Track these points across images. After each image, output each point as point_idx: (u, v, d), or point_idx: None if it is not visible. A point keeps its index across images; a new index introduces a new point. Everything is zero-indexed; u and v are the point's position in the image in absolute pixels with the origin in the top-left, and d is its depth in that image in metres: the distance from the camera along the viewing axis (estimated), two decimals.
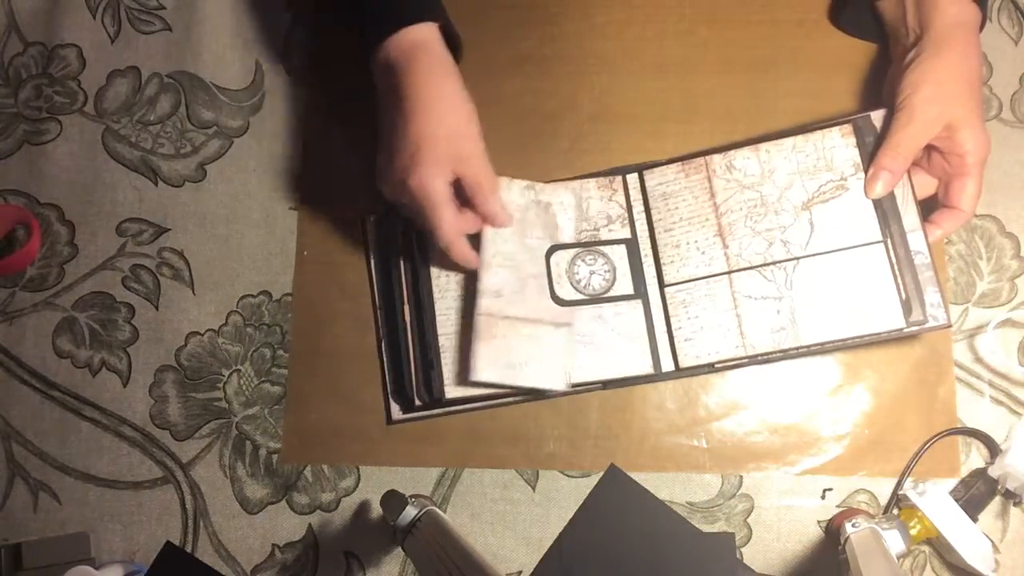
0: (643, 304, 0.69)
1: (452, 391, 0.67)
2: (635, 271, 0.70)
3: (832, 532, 0.70)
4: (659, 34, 0.77)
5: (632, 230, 0.71)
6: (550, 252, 0.69)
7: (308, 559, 0.71)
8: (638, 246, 0.70)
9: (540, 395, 0.69)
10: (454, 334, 0.68)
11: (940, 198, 0.67)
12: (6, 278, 0.75)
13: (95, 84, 0.78)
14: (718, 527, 0.70)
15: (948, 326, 0.65)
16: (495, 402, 0.70)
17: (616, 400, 0.72)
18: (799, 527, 0.70)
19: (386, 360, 0.72)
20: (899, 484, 0.70)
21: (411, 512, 0.62)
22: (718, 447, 0.71)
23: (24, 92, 0.78)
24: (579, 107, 0.76)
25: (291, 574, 0.71)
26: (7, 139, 0.77)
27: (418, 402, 0.69)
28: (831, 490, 0.70)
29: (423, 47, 0.64)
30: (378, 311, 0.73)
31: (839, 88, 0.75)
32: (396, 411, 0.71)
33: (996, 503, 0.68)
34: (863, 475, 0.70)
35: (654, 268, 0.70)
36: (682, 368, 0.68)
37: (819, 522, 0.70)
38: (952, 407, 0.71)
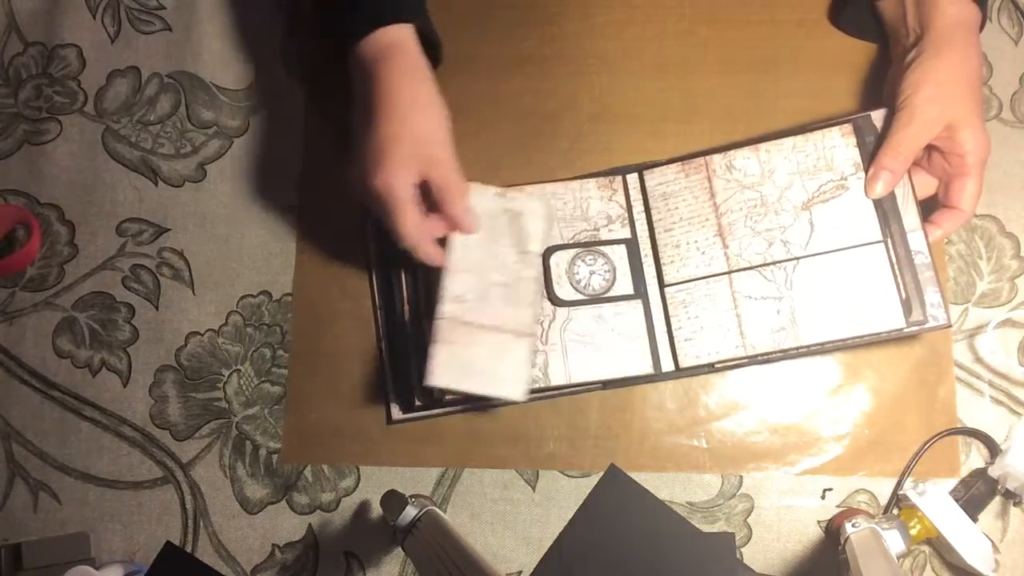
0: (643, 304, 0.69)
1: None
2: (635, 271, 0.70)
3: (832, 532, 0.70)
4: (659, 34, 0.77)
5: (632, 230, 0.71)
6: (548, 253, 0.69)
7: (308, 559, 0.71)
8: (638, 246, 0.70)
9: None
10: None
11: (940, 198, 0.67)
12: (6, 278, 0.75)
13: (95, 84, 0.78)
14: (718, 527, 0.70)
15: (948, 326, 0.65)
16: (495, 402, 0.70)
17: (616, 400, 0.72)
18: (799, 527, 0.70)
19: (386, 360, 0.72)
20: (899, 484, 0.70)
21: (411, 512, 0.62)
22: (718, 447, 0.71)
23: (24, 92, 0.78)
24: (579, 107, 0.76)
25: (291, 574, 0.71)
26: (7, 139, 0.77)
27: (418, 402, 0.69)
28: (831, 490, 0.70)
29: (397, 48, 0.63)
30: (378, 311, 0.73)
31: (839, 88, 0.75)
32: (396, 411, 0.71)
33: (996, 503, 0.68)
34: (863, 475, 0.70)
35: (654, 268, 0.70)
36: (682, 368, 0.68)
37: (819, 522, 0.70)
38: (952, 407, 0.71)
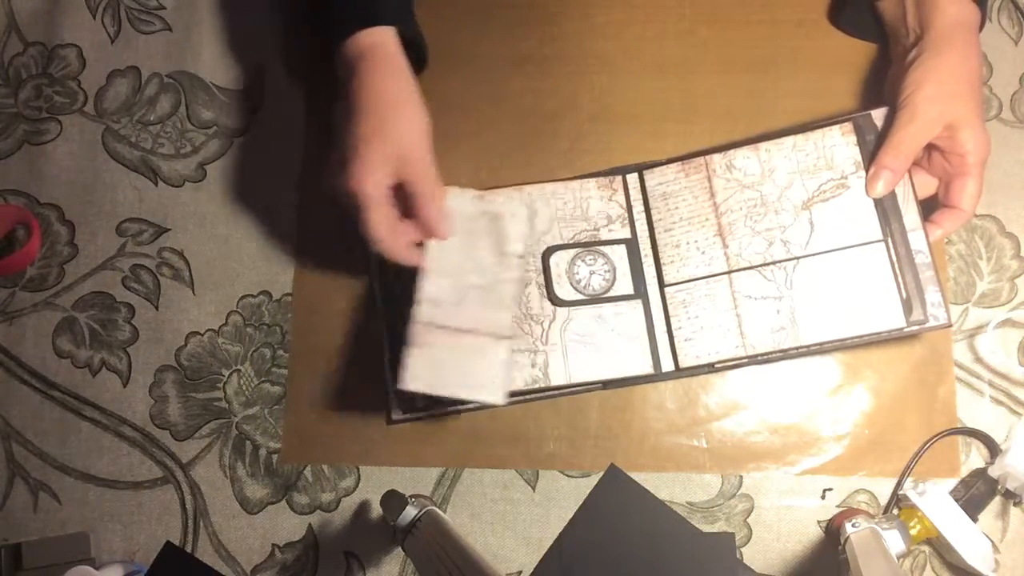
0: (643, 304, 0.69)
1: None
2: (635, 271, 0.70)
3: (832, 532, 0.69)
4: (659, 34, 0.77)
5: (632, 230, 0.71)
6: (548, 253, 0.69)
7: (308, 559, 0.71)
8: (638, 246, 0.70)
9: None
10: None
11: (940, 198, 0.67)
12: (6, 278, 0.75)
13: (95, 84, 0.78)
14: (718, 527, 0.70)
15: (949, 326, 0.65)
16: None
17: (616, 400, 0.72)
18: (799, 527, 0.70)
19: (386, 360, 0.72)
20: (899, 484, 0.70)
21: (411, 512, 0.62)
22: (718, 447, 0.71)
23: (24, 92, 0.78)
24: (579, 107, 0.76)
25: (291, 574, 0.71)
26: (7, 139, 0.77)
27: (418, 402, 0.69)
28: (831, 490, 0.70)
29: (377, 49, 0.64)
30: (378, 311, 0.73)
31: (839, 88, 0.75)
32: (396, 411, 0.71)
33: (996, 503, 0.68)
34: (863, 475, 0.70)
35: (654, 268, 0.70)
36: (682, 368, 0.68)
37: (819, 522, 0.70)
38: (952, 407, 0.71)
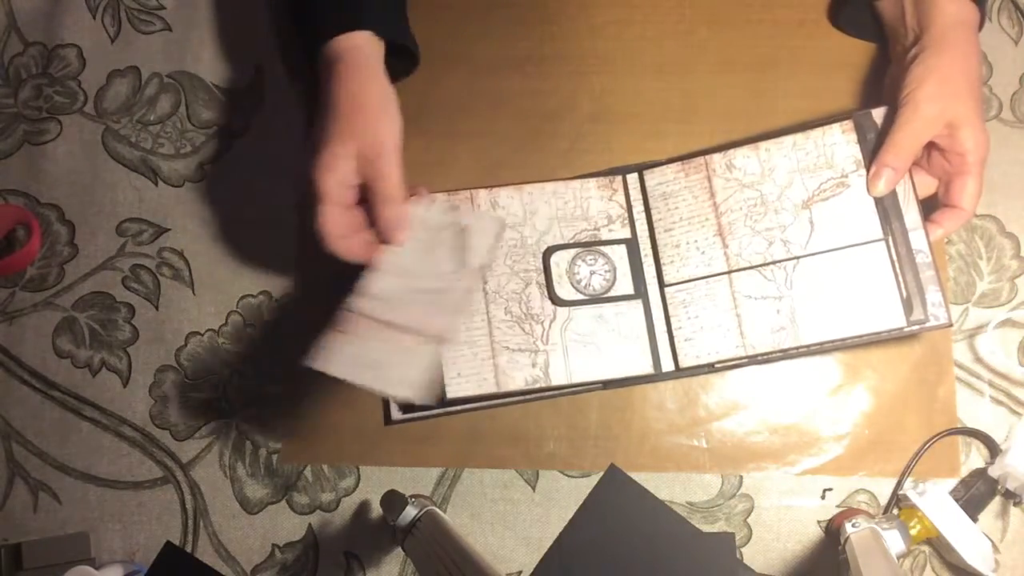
0: (643, 304, 0.69)
1: (453, 391, 0.67)
2: (635, 271, 0.70)
3: (832, 532, 0.69)
4: (659, 34, 0.77)
5: (632, 230, 0.71)
6: (549, 252, 0.69)
7: (308, 559, 0.71)
8: (638, 246, 0.70)
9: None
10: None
11: (940, 197, 0.67)
12: (6, 278, 0.75)
13: (95, 84, 0.78)
14: (718, 527, 0.70)
15: (949, 325, 0.64)
16: (495, 402, 0.70)
17: (616, 400, 0.72)
18: (799, 527, 0.70)
19: None
20: (899, 484, 0.70)
21: (411, 512, 0.62)
22: (718, 447, 0.71)
23: (24, 92, 0.78)
24: (579, 107, 0.76)
25: (291, 574, 0.71)
26: (7, 139, 0.77)
27: (417, 402, 0.69)
28: (831, 490, 0.70)
29: (355, 53, 0.64)
30: None
31: (839, 88, 0.75)
32: (396, 411, 0.71)
33: (996, 503, 0.68)
34: (863, 475, 0.70)
35: (654, 268, 0.70)
36: (682, 368, 0.68)
37: (819, 522, 0.70)
38: (952, 407, 0.71)
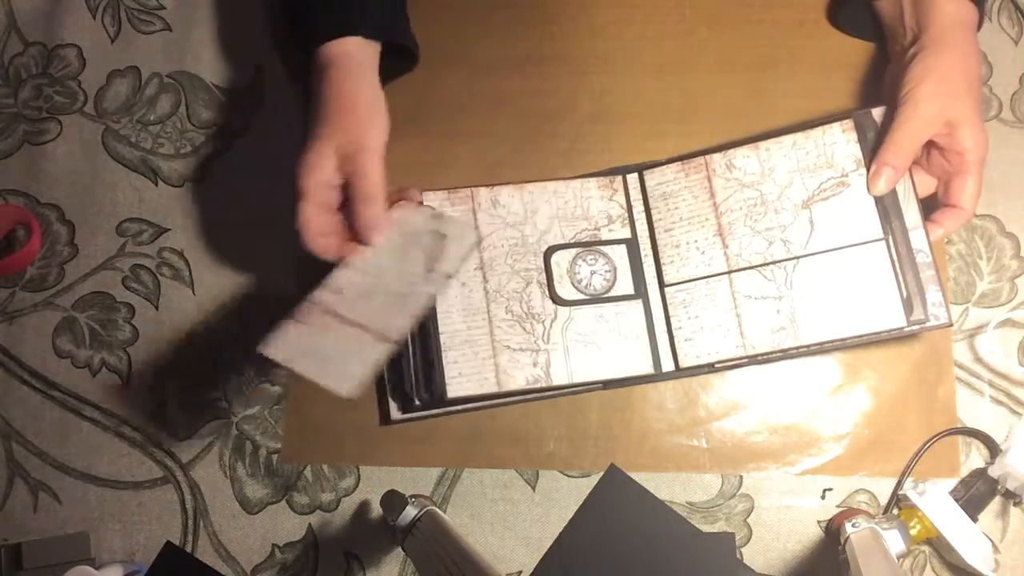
0: (643, 304, 0.69)
1: (454, 390, 0.67)
2: (635, 271, 0.70)
3: (832, 532, 0.69)
4: (659, 34, 0.77)
5: (632, 230, 0.71)
6: (550, 252, 0.69)
7: (308, 559, 0.71)
8: (638, 246, 0.70)
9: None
10: (455, 333, 0.68)
11: (940, 197, 0.67)
12: (6, 278, 0.75)
13: (95, 84, 0.78)
14: (718, 527, 0.70)
15: (949, 325, 0.64)
16: (495, 402, 0.70)
17: (616, 400, 0.72)
18: (799, 527, 0.70)
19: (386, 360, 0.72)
20: (899, 484, 0.70)
21: (411, 512, 0.62)
22: (718, 447, 0.71)
23: (24, 92, 0.78)
24: (579, 107, 0.76)
25: (291, 574, 0.71)
26: (7, 139, 0.77)
27: (417, 402, 0.69)
28: (831, 490, 0.70)
29: (346, 58, 0.65)
30: None
31: (839, 88, 0.75)
32: (395, 411, 0.71)
33: (996, 503, 0.68)
34: (863, 475, 0.70)
35: (654, 268, 0.70)
36: (682, 368, 0.68)
37: (819, 522, 0.70)
38: (952, 407, 0.71)
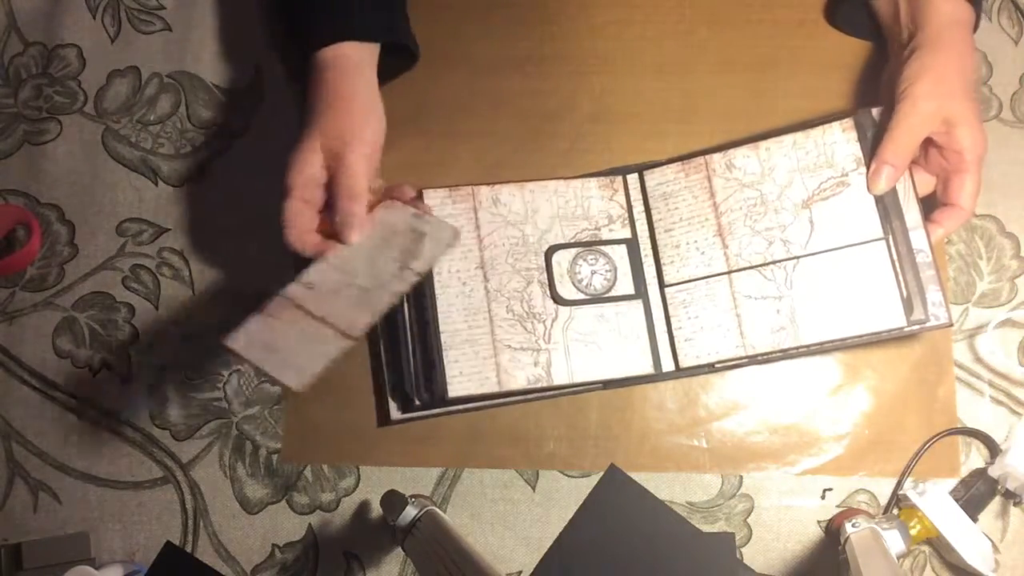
0: (643, 304, 0.69)
1: (455, 390, 0.67)
2: (635, 271, 0.70)
3: (832, 532, 0.70)
4: (659, 34, 0.77)
5: (632, 230, 0.71)
6: (551, 251, 0.69)
7: (308, 559, 0.71)
8: (638, 246, 0.70)
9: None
10: (456, 332, 0.68)
11: (939, 196, 0.67)
12: (6, 278, 0.75)
13: (95, 84, 0.78)
14: (718, 527, 0.70)
15: (949, 325, 0.64)
16: (495, 402, 0.70)
17: (616, 400, 0.72)
18: (799, 527, 0.70)
19: (386, 360, 0.72)
20: (899, 484, 0.70)
21: (411, 512, 0.62)
22: (718, 447, 0.71)
23: (24, 92, 0.78)
24: (579, 107, 0.76)
25: (291, 574, 0.71)
26: (7, 139, 0.77)
27: (417, 402, 0.69)
28: (831, 490, 0.70)
29: (343, 60, 0.66)
30: None
31: (839, 88, 0.75)
32: (395, 411, 0.71)
33: (996, 503, 0.68)
34: (863, 475, 0.70)
35: (654, 268, 0.70)
36: (682, 368, 0.68)
37: (819, 522, 0.70)
38: (952, 407, 0.71)
